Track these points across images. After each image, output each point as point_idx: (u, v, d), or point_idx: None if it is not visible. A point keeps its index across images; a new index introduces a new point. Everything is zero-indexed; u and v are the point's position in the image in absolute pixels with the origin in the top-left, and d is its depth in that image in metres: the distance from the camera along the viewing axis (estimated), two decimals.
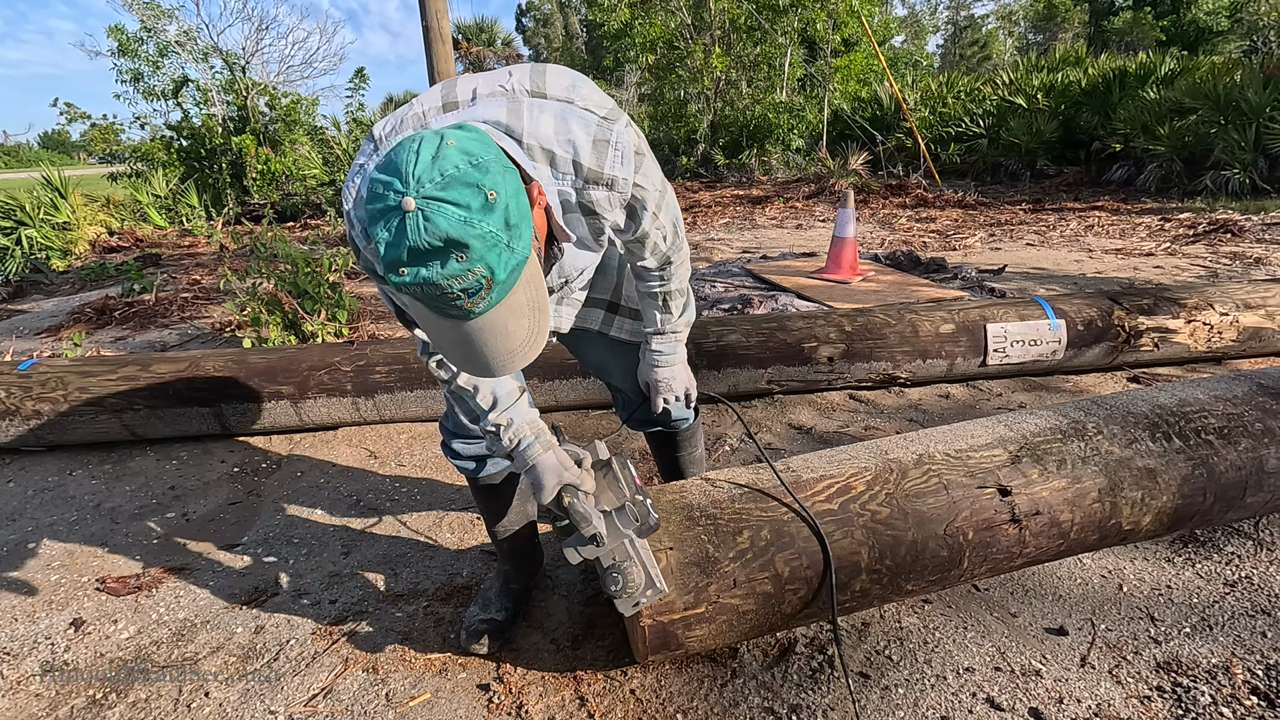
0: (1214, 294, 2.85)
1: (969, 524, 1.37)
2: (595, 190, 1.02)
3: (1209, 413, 1.58)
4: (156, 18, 10.28)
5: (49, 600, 1.67)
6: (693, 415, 1.63)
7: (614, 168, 1.01)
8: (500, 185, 0.79)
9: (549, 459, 1.18)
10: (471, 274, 0.77)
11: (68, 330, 3.84)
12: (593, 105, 1.01)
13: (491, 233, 0.78)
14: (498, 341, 0.86)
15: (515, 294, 0.84)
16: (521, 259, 0.82)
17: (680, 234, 1.27)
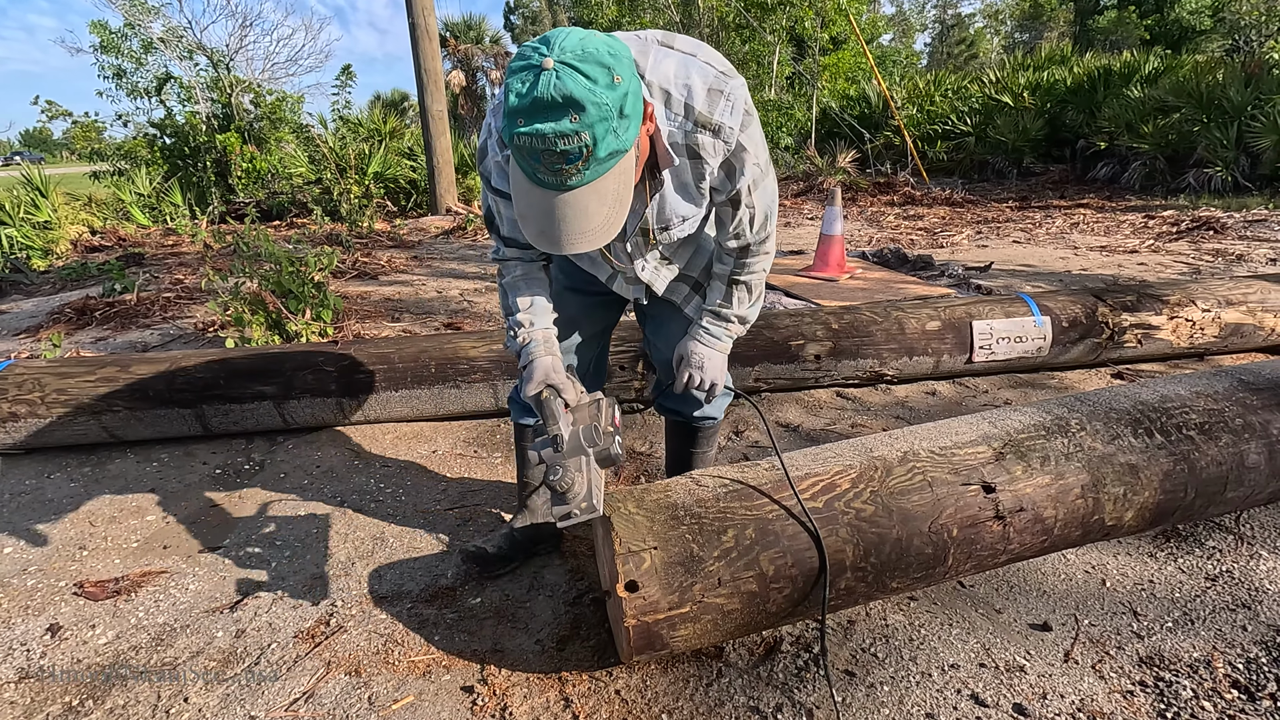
0: (1196, 291, 2.88)
1: (954, 521, 1.37)
2: (703, 134, 1.10)
3: (1190, 408, 1.59)
4: (140, 14, 10.15)
5: (25, 605, 1.64)
6: (718, 417, 1.66)
7: (723, 115, 1.09)
8: (627, 76, 0.91)
9: (545, 361, 1.30)
10: (579, 137, 0.87)
11: (47, 331, 3.78)
12: (714, 61, 1.11)
13: (607, 107, 0.88)
14: (577, 219, 0.96)
15: (607, 180, 0.95)
16: (623, 147, 0.93)
17: (768, 233, 1.31)
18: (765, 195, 1.25)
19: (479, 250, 6.31)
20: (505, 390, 2.47)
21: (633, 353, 2.46)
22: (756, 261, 1.35)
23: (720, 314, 1.41)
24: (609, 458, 1.24)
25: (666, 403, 1.67)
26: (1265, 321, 2.87)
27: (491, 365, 2.44)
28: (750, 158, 1.17)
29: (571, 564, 1.73)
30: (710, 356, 1.43)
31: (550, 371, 1.29)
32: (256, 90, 10.52)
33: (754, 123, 1.15)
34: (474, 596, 1.62)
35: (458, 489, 2.12)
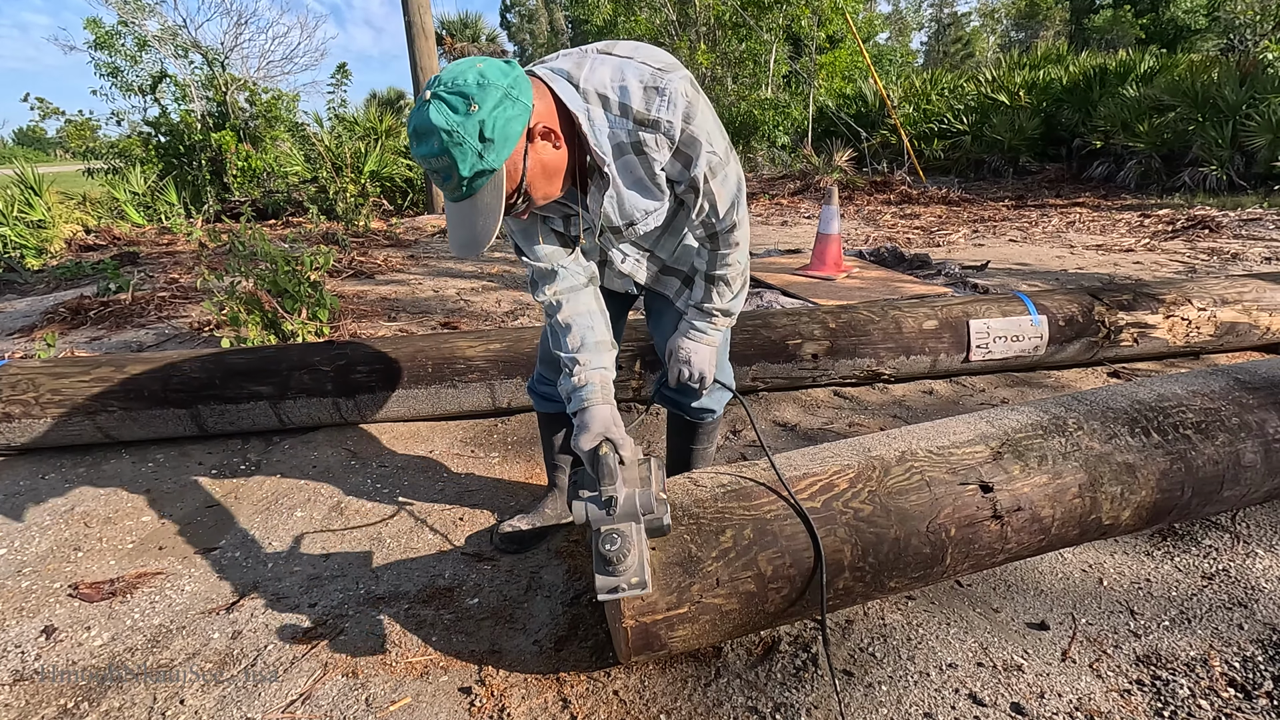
0: (1192, 290, 2.88)
1: (951, 520, 1.37)
2: (644, 132, 1.15)
3: (1187, 407, 1.59)
4: (135, 12, 10.10)
5: (19, 608, 1.63)
6: (717, 411, 1.68)
7: (659, 111, 1.13)
8: (486, 103, 1.00)
9: (603, 410, 1.27)
10: (442, 160, 1.01)
11: (41, 331, 3.76)
12: (651, 60, 1.16)
13: (461, 134, 0.99)
14: (462, 227, 1.09)
15: (481, 194, 1.06)
16: (490, 168, 1.03)
17: (735, 220, 1.32)
18: (727, 182, 1.27)
19: None
20: (502, 390, 2.46)
21: (630, 352, 2.46)
22: (729, 254, 1.36)
23: (702, 309, 1.44)
24: (661, 529, 1.19)
25: (667, 393, 1.68)
26: (1260, 320, 2.88)
27: (489, 365, 2.44)
28: (703, 146, 1.19)
29: (569, 564, 1.72)
30: (696, 350, 1.46)
31: (610, 425, 1.25)
32: (252, 88, 10.48)
33: (700, 112, 1.17)
34: (471, 597, 1.61)
35: (455, 489, 2.11)
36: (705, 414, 1.69)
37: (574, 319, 1.35)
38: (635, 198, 1.25)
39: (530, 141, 1.08)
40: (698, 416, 1.69)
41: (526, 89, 1.05)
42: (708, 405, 1.66)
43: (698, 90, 1.18)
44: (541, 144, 1.10)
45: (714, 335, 1.47)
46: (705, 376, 1.48)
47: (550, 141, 1.11)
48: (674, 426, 1.78)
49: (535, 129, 1.08)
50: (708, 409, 1.67)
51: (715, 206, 1.29)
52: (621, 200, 1.25)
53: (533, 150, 1.09)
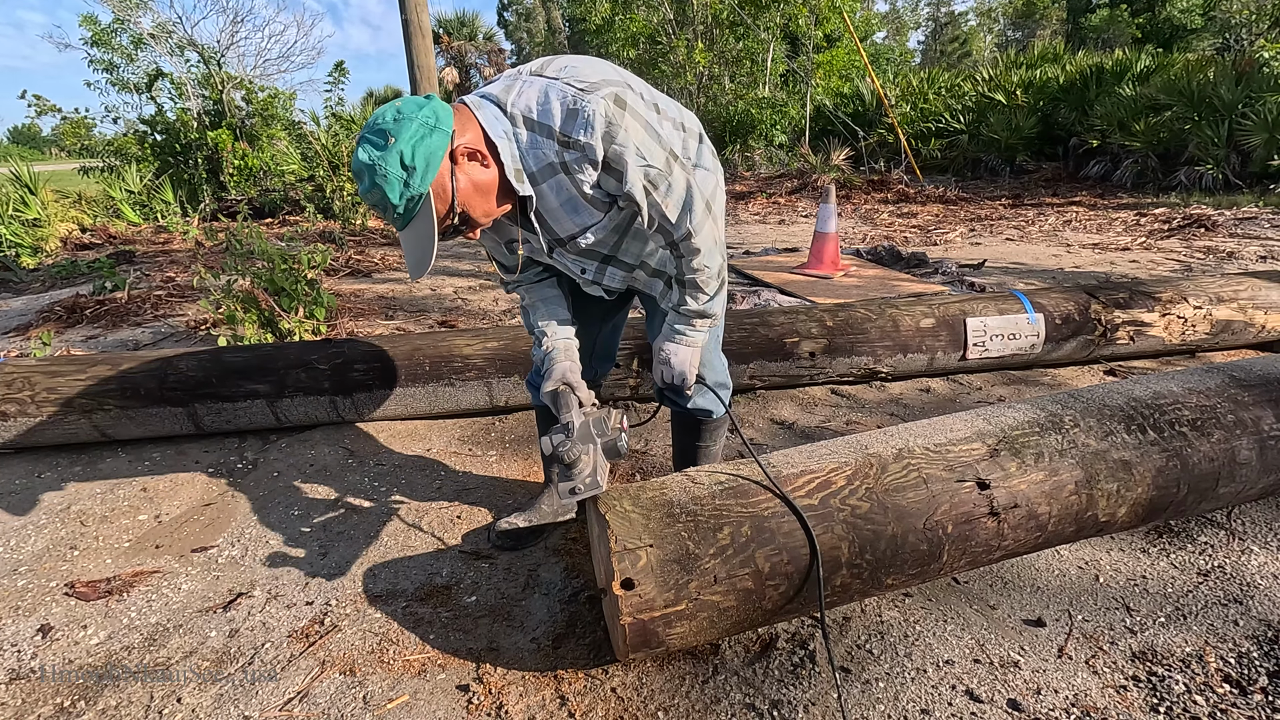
0: (1188, 288, 2.89)
1: (948, 517, 1.37)
2: (568, 153, 1.20)
3: (1182, 405, 1.60)
4: (129, 9, 10.05)
5: (15, 606, 1.63)
6: (714, 411, 1.69)
7: (579, 133, 1.17)
8: (402, 136, 1.09)
9: (563, 364, 1.47)
10: (374, 193, 1.12)
11: (36, 329, 3.75)
12: (576, 81, 1.19)
13: (384, 166, 1.09)
14: (410, 253, 1.18)
15: (419, 218, 1.15)
16: (417, 193, 1.12)
17: (691, 230, 1.32)
18: (673, 192, 1.27)
19: (474, 247, 6.28)
20: (500, 388, 2.46)
21: (628, 350, 2.46)
22: (692, 259, 1.35)
23: (679, 311, 1.45)
24: (615, 449, 1.32)
25: (667, 392, 1.68)
26: (1256, 318, 2.89)
27: (486, 363, 2.44)
28: (632, 163, 1.20)
29: (567, 562, 1.72)
30: (676, 351, 1.47)
31: (567, 373, 1.45)
32: (248, 87, 10.45)
33: (626, 129, 1.18)
34: (469, 595, 1.61)
35: (452, 487, 2.11)
36: (702, 413, 1.70)
37: (538, 303, 1.55)
38: (567, 216, 1.30)
39: (455, 164, 1.16)
40: (699, 415, 1.70)
41: (447, 117, 1.15)
42: (702, 405, 1.67)
43: (624, 107, 1.18)
44: (468, 164, 1.17)
45: (694, 336, 1.47)
46: (686, 377, 1.48)
47: (478, 162, 1.18)
48: (677, 425, 1.80)
49: (458, 151, 1.16)
50: (703, 409, 1.68)
51: (665, 216, 1.29)
52: (555, 219, 1.31)
53: (459, 171, 1.16)
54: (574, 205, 1.28)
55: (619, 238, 1.45)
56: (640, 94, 1.29)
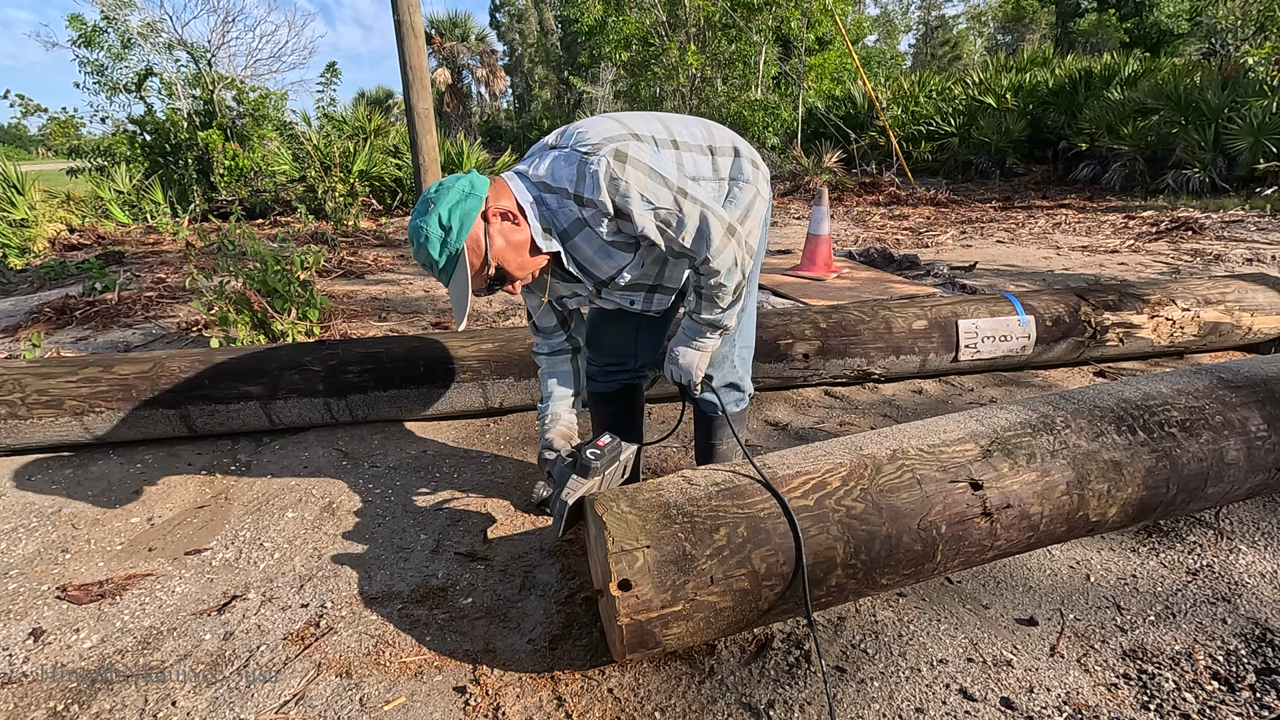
0: (1176, 290, 2.93)
1: (942, 518, 1.39)
2: (584, 210, 1.34)
3: (1172, 406, 1.62)
4: (118, 7, 9.99)
5: (6, 610, 1.62)
6: (719, 407, 1.72)
7: (590, 192, 1.31)
8: (441, 202, 1.29)
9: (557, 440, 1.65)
10: (422, 253, 1.32)
11: (26, 330, 3.71)
12: (581, 146, 1.33)
13: (427, 229, 1.29)
14: (454, 303, 1.34)
15: (458, 272, 1.31)
16: (454, 249, 1.29)
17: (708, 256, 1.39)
18: (686, 225, 1.36)
19: None
20: (494, 390, 2.46)
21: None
22: (711, 279, 1.43)
23: (695, 319, 1.54)
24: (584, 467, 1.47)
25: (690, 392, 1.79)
26: (1243, 320, 2.93)
27: (481, 365, 2.44)
28: (640, 208, 1.32)
29: (563, 563, 1.73)
30: (684, 354, 1.56)
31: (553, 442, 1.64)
32: (239, 87, 10.39)
33: (626, 181, 1.30)
34: (465, 597, 1.61)
35: (447, 488, 2.11)
36: (710, 408, 1.76)
37: (552, 375, 1.72)
38: (601, 262, 1.43)
39: (488, 223, 1.31)
40: (706, 410, 1.78)
41: (481, 186, 1.33)
42: (709, 399, 1.72)
43: (625, 160, 1.30)
44: (501, 224, 1.32)
45: (705, 343, 1.55)
46: (692, 378, 1.57)
47: (510, 221, 1.33)
48: (695, 421, 1.88)
49: (490, 212, 1.31)
50: (709, 402, 1.74)
51: (684, 247, 1.39)
52: (593, 264, 1.43)
53: (493, 230, 1.31)
54: (605, 252, 1.41)
55: (659, 268, 1.55)
56: (652, 138, 1.43)
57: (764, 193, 1.60)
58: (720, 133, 1.58)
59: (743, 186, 1.56)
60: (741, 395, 1.78)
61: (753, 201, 1.56)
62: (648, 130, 1.43)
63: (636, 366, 1.86)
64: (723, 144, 1.56)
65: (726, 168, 1.55)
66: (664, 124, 1.49)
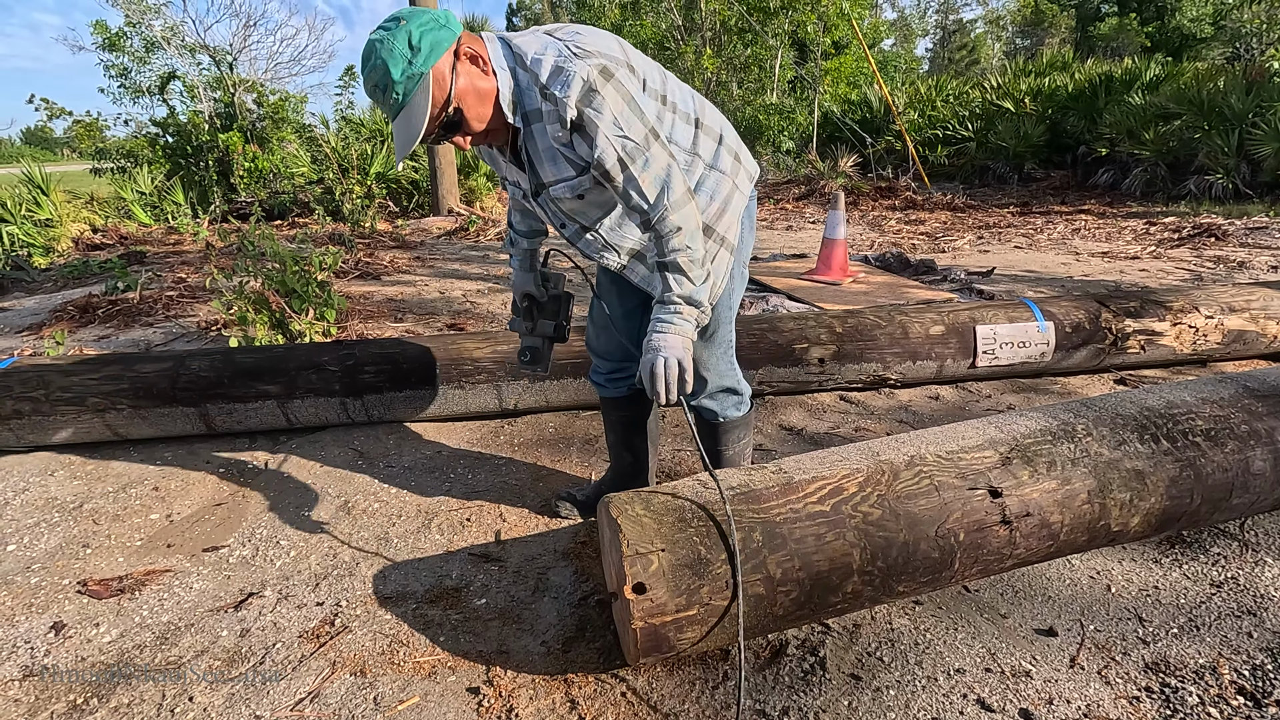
0: (1199, 297, 2.88)
1: (960, 525, 1.37)
2: (545, 103, 1.26)
3: (1196, 415, 1.59)
4: (142, 12, 10.16)
5: (29, 604, 1.64)
6: (720, 414, 1.70)
7: (555, 88, 1.23)
8: (413, 22, 1.20)
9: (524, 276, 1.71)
10: (376, 72, 1.20)
11: (50, 328, 3.78)
12: (574, 45, 1.25)
13: (391, 42, 1.18)
14: (400, 136, 1.23)
15: (414, 99, 1.21)
16: (418, 71, 1.19)
17: (667, 208, 1.31)
18: (650, 168, 1.29)
19: (481, 251, 6.31)
20: (509, 391, 2.47)
21: None
22: (671, 239, 1.32)
23: (664, 300, 1.38)
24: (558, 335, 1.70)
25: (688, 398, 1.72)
26: (1268, 329, 2.88)
27: (496, 366, 2.44)
28: (605, 131, 1.25)
29: (576, 565, 1.72)
30: (666, 344, 1.36)
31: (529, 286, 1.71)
32: (260, 90, 10.53)
33: (602, 97, 1.23)
34: (479, 598, 1.62)
35: (461, 489, 2.11)
36: (711, 415, 1.71)
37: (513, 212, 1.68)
38: (547, 161, 1.35)
39: (458, 59, 1.23)
40: (708, 417, 1.71)
41: (456, 24, 1.24)
42: (708, 406, 1.69)
43: (609, 78, 1.24)
44: (469, 66, 1.24)
45: (681, 325, 1.37)
46: (685, 370, 1.36)
47: (479, 67, 1.25)
48: (698, 426, 1.79)
49: (461, 49, 1.23)
50: (709, 409, 1.70)
51: (641, 193, 1.30)
52: (539, 160, 1.36)
53: (460, 68, 1.23)
54: (553, 155, 1.33)
55: (596, 213, 1.45)
56: (644, 79, 1.33)
57: (742, 188, 1.51)
58: (712, 114, 1.49)
59: (719, 178, 1.46)
60: (740, 398, 1.71)
61: (729, 196, 1.47)
62: (642, 70, 1.34)
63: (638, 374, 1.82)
64: (710, 125, 1.47)
65: (707, 152, 1.46)
66: (662, 76, 1.40)
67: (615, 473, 1.94)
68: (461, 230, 7.24)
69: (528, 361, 1.72)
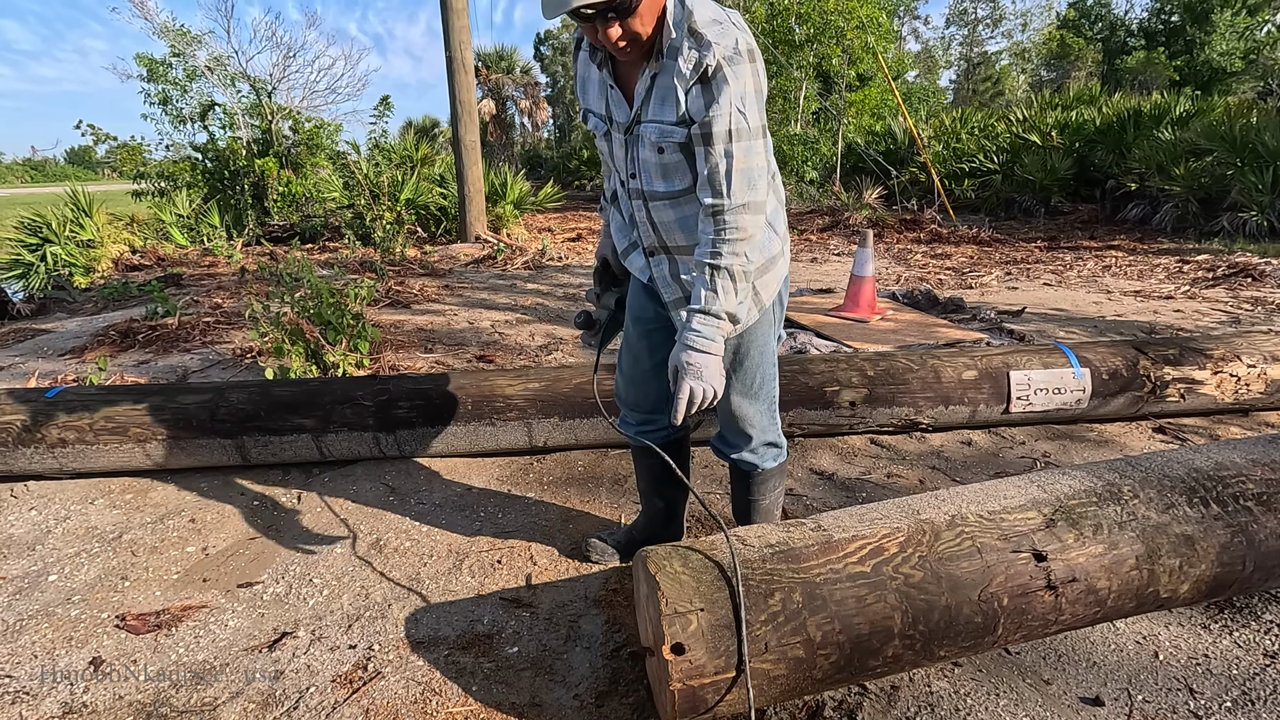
0: (1241, 345, 2.82)
1: (1004, 590, 1.35)
2: (688, 41, 1.24)
3: (1247, 478, 1.55)
4: (186, 44, 10.54)
5: (69, 636, 1.66)
6: (759, 465, 1.69)
7: (710, 33, 1.23)
8: None
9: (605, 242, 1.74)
10: None
11: (92, 352, 3.88)
12: (737, 17, 1.30)
13: None
14: None
15: None
16: None
17: (746, 201, 1.28)
18: (751, 155, 1.27)
19: (509, 280, 6.38)
20: (539, 429, 2.48)
21: None
22: (729, 241, 1.28)
23: (709, 310, 1.31)
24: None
25: (713, 442, 1.76)
26: None
27: (527, 404, 2.46)
28: (731, 95, 1.23)
29: (608, 614, 1.71)
30: (707, 368, 1.31)
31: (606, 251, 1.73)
32: (295, 117, 10.84)
33: (745, 68, 1.24)
34: (510, 645, 1.61)
35: (492, 529, 2.12)
36: (750, 467, 1.69)
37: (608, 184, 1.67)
38: (656, 100, 1.32)
39: None
40: (745, 468, 1.70)
41: None
42: (749, 460, 1.68)
43: (754, 61, 1.26)
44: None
45: (718, 344, 1.32)
46: (716, 397, 1.34)
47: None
48: (732, 476, 1.79)
49: None
50: (748, 462, 1.69)
51: (729, 175, 1.26)
52: (651, 95, 1.32)
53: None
54: (664, 94, 1.30)
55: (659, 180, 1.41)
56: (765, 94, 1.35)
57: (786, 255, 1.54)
58: (779, 179, 1.50)
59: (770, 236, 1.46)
60: (780, 450, 1.72)
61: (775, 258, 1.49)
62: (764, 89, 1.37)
63: (668, 424, 1.79)
64: (778, 186, 1.50)
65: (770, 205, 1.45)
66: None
67: (647, 519, 1.93)
68: (489, 258, 7.34)
69: (581, 325, 1.77)
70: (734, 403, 1.60)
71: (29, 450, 2.30)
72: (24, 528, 2.16)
